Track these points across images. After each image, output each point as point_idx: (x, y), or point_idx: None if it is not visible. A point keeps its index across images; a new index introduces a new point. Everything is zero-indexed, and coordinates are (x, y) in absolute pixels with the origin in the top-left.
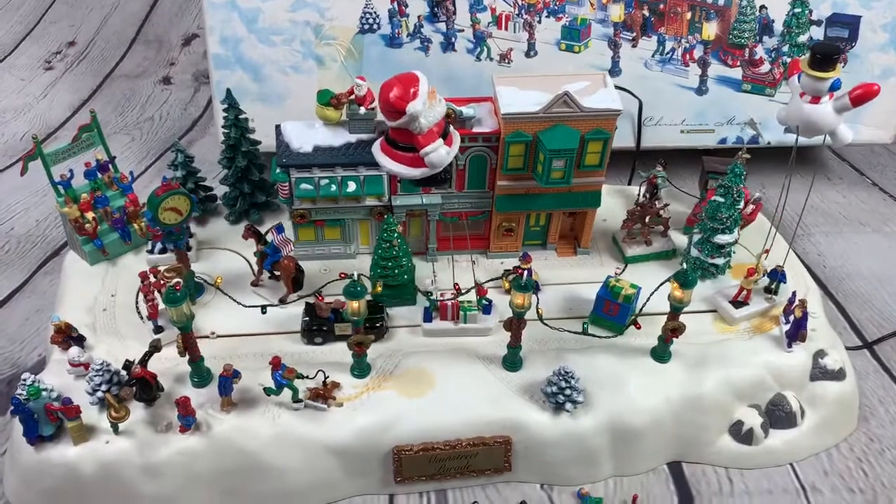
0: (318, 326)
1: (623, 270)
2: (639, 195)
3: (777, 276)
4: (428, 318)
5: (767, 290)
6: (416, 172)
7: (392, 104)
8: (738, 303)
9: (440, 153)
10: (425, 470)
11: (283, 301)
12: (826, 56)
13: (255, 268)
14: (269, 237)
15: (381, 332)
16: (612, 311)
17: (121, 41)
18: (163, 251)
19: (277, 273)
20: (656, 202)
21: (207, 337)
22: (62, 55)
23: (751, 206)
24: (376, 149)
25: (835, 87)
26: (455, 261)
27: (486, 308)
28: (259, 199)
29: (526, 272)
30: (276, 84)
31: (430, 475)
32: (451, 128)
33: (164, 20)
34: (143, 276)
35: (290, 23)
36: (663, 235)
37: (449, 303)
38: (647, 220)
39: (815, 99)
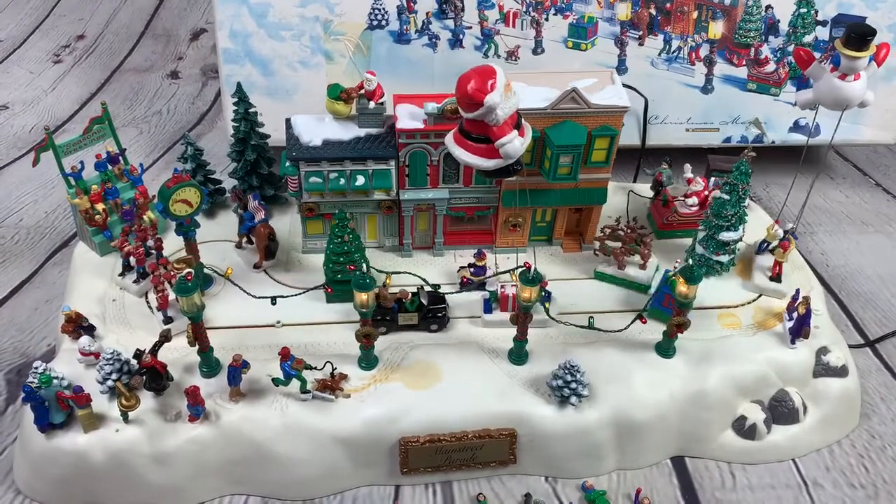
0: (381, 316)
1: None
2: (620, 220)
3: (793, 236)
4: (488, 309)
5: (773, 251)
6: (490, 163)
7: (470, 96)
8: (777, 277)
9: (515, 144)
10: (431, 461)
11: (256, 267)
12: (861, 35)
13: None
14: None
15: (443, 323)
16: (672, 305)
17: (129, 35)
18: (143, 276)
19: (253, 239)
20: (661, 196)
21: (274, 326)
22: (71, 48)
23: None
24: (450, 140)
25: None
26: (460, 255)
27: (545, 299)
28: (268, 193)
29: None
30: (285, 79)
31: (436, 467)
32: (523, 119)
33: (173, 15)
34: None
35: (299, 18)
36: (641, 268)
37: (509, 294)
38: (622, 245)
39: (856, 76)
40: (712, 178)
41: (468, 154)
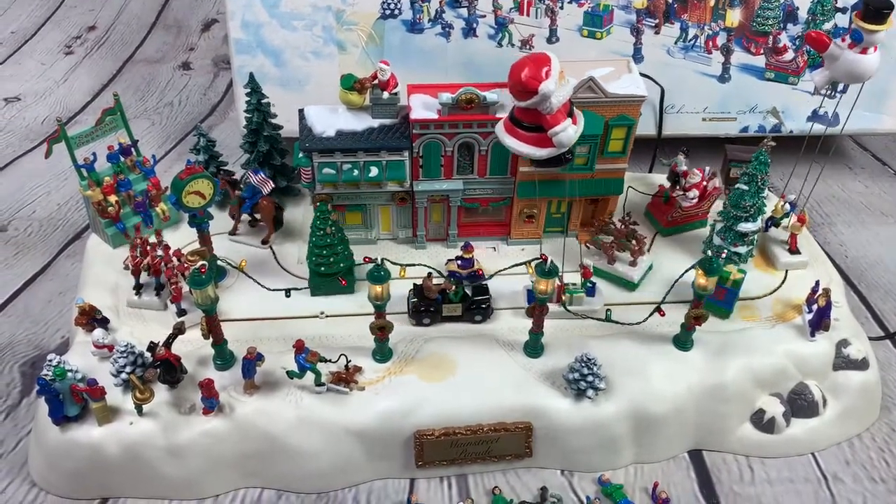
0: (425, 307)
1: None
2: (613, 214)
3: (793, 208)
4: (531, 300)
5: (776, 224)
6: (543, 153)
7: (524, 84)
8: (797, 250)
9: (569, 133)
10: (446, 455)
11: (265, 242)
12: (878, 9)
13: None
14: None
15: (487, 314)
16: (719, 296)
17: (141, 26)
18: (161, 287)
19: (258, 216)
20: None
21: (317, 317)
22: (82, 40)
23: (713, 183)
24: (500, 129)
25: None
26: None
27: (590, 290)
28: (280, 184)
29: (550, 260)
30: (297, 69)
31: (451, 460)
32: (574, 108)
33: (184, 5)
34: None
35: (311, 8)
36: (632, 265)
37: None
38: (613, 240)
39: (863, 49)
40: (707, 168)
41: (520, 143)
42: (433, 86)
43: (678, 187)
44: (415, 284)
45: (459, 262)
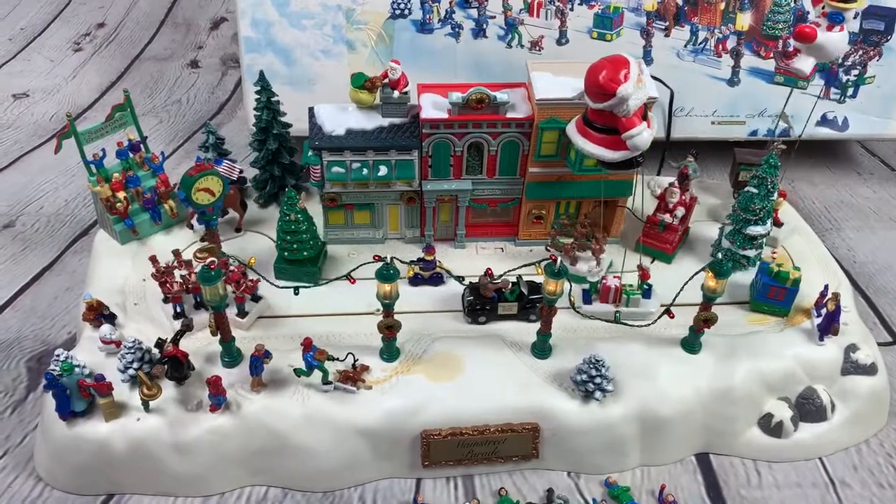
0: (482, 306)
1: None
2: (570, 217)
3: None
4: (587, 300)
5: None
6: (616, 155)
7: (602, 86)
8: (780, 223)
9: (644, 136)
10: (453, 455)
11: (238, 230)
12: None
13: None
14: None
15: None
16: (779, 296)
17: (150, 23)
18: (200, 304)
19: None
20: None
21: (372, 314)
22: (91, 37)
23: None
24: (572, 130)
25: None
26: (482, 248)
27: (647, 292)
28: (289, 183)
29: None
30: (306, 68)
31: (458, 460)
32: (648, 111)
33: (193, 3)
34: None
35: (321, 7)
36: (596, 264)
37: (611, 286)
38: (573, 241)
39: (841, 27)
40: (675, 179)
41: (591, 144)
42: (443, 85)
43: (660, 210)
44: (471, 283)
45: (421, 263)
